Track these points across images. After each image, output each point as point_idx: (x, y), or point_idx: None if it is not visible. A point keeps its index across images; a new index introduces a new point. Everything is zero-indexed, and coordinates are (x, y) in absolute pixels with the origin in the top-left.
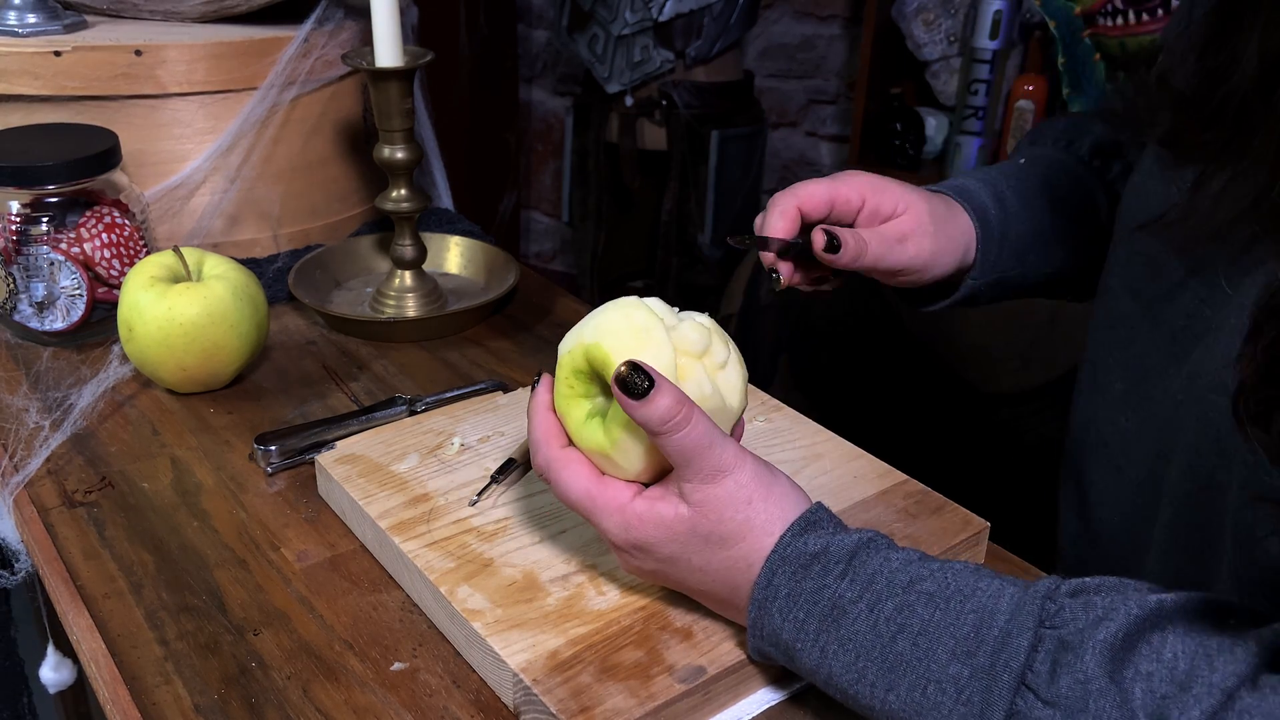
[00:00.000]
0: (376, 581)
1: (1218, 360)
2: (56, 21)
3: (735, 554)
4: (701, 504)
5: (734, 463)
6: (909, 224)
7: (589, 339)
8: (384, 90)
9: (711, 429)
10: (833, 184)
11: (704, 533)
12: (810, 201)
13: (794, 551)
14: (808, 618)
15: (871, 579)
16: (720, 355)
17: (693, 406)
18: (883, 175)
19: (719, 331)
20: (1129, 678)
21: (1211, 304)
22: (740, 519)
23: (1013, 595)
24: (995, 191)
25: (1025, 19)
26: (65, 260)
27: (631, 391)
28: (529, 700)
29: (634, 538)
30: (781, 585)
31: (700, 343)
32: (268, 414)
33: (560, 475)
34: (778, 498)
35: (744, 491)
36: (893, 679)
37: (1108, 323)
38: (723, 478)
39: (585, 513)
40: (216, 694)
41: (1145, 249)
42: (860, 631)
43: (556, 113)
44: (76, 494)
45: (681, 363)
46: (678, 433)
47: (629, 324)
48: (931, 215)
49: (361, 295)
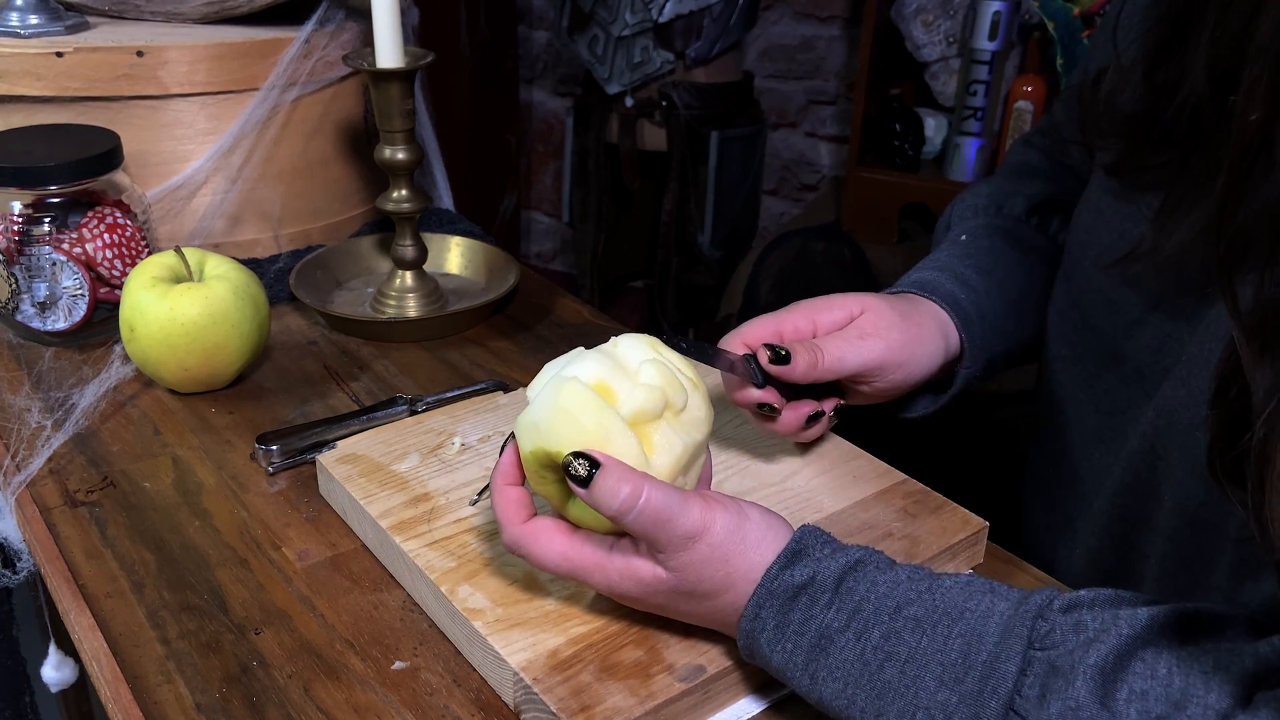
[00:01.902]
0: (377, 581)
1: (1195, 395)
2: (58, 23)
3: (721, 603)
4: (679, 569)
5: (703, 526)
6: (869, 322)
7: (546, 444)
8: (385, 91)
9: (670, 497)
10: (777, 317)
11: (686, 591)
12: (754, 338)
13: (780, 585)
14: (795, 649)
15: (858, 607)
16: (679, 400)
17: (643, 480)
18: (828, 296)
19: (668, 368)
20: (1122, 699)
21: (1176, 337)
22: (720, 576)
23: (1003, 614)
24: (956, 275)
25: (1024, 20)
26: (67, 260)
27: (576, 481)
28: (529, 699)
29: (619, 591)
30: (769, 618)
31: (656, 406)
32: (269, 414)
33: (532, 550)
34: (754, 545)
35: (719, 552)
36: (881, 706)
37: (1070, 357)
38: (694, 544)
39: (569, 575)
40: (218, 693)
41: (1099, 284)
42: (848, 660)
43: (557, 113)
44: (78, 493)
45: (646, 430)
46: (632, 512)
47: (582, 431)
48: (894, 309)
49: (362, 295)
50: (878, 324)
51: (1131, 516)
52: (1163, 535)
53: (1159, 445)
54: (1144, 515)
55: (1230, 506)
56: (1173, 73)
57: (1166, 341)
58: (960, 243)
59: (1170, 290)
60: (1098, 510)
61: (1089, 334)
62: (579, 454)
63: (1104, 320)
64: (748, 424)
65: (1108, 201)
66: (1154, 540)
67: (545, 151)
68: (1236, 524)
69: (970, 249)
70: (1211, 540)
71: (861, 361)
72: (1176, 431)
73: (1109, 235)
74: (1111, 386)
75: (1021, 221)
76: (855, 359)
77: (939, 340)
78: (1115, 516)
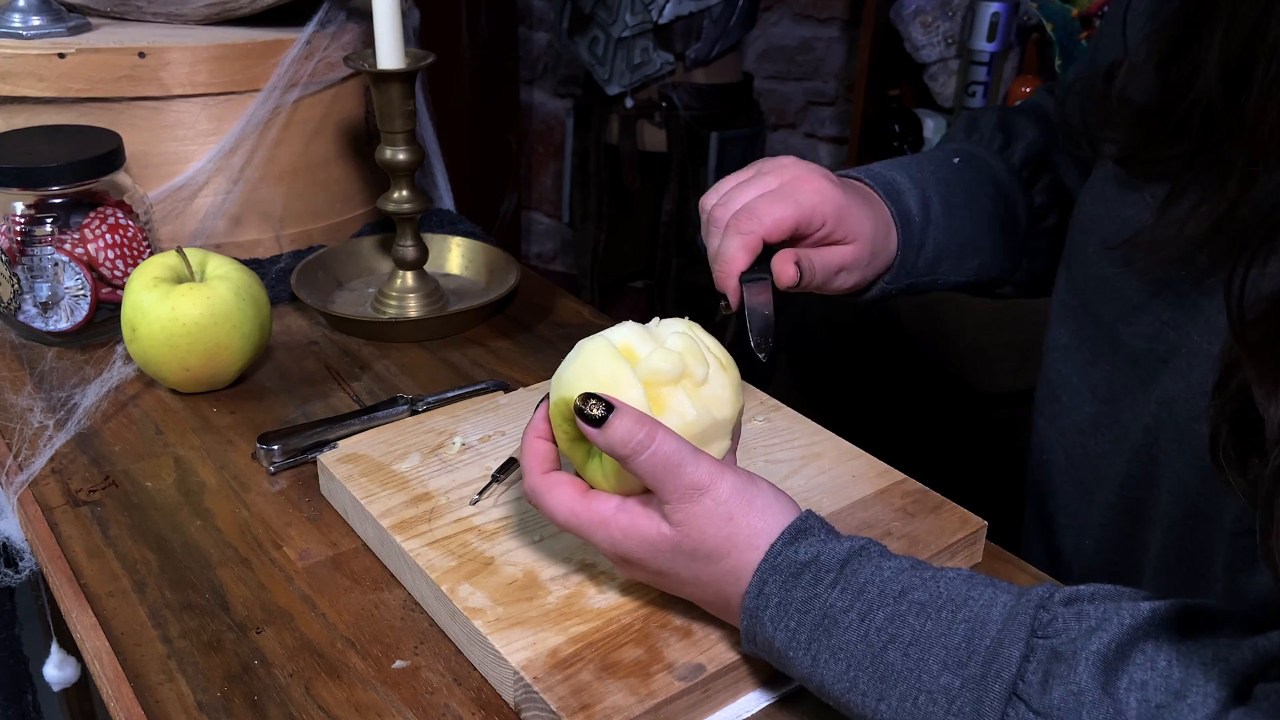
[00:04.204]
0: (378, 580)
1: (1194, 387)
2: (60, 24)
3: (722, 569)
4: (682, 523)
5: (710, 480)
6: (851, 256)
7: (565, 393)
8: (386, 92)
9: (682, 447)
10: (798, 208)
11: (688, 550)
12: (777, 230)
13: (784, 560)
14: (799, 627)
15: (863, 588)
16: (699, 372)
17: (656, 426)
18: (826, 177)
19: (696, 343)
20: (1123, 688)
21: (1175, 326)
22: (723, 535)
23: (1005, 604)
24: (922, 196)
25: (1023, 21)
26: (69, 261)
27: (590, 421)
28: (529, 698)
29: (622, 551)
30: (772, 594)
31: (673, 369)
32: (270, 414)
33: (545, 500)
34: (760, 510)
35: (723, 508)
36: (884, 689)
37: (1069, 345)
38: (700, 496)
39: (574, 530)
40: (219, 691)
41: (1101, 271)
42: (851, 641)
43: (557, 114)
44: (80, 493)
45: (661, 393)
46: (644, 453)
47: (595, 380)
48: (873, 246)
49: (363, 295)
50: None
51: (1133, 509)
52: (1161, 527)
53: (1160, 437)
54: (1144, 507)
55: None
56: (1185, 70)
57: (1164, 329)
58: (952, 165)
59: (1172, 279)
60: (1100, 502)
61: (1088, 321)
62: (594, 395)
63: (1104, 306)
64: (748, 423)
65: (1112, 188)
66: (1153, 532)
67: (545, 152)
68: (1232, 517)
69: (953, 177)
70: (1208, 532)
71: (830, 291)
72: (1176, 423)
73: (1112, 222)
74: (1108, 374)
75: (1014, 171)
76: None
77: (884, 269)
78: (1118, 509)
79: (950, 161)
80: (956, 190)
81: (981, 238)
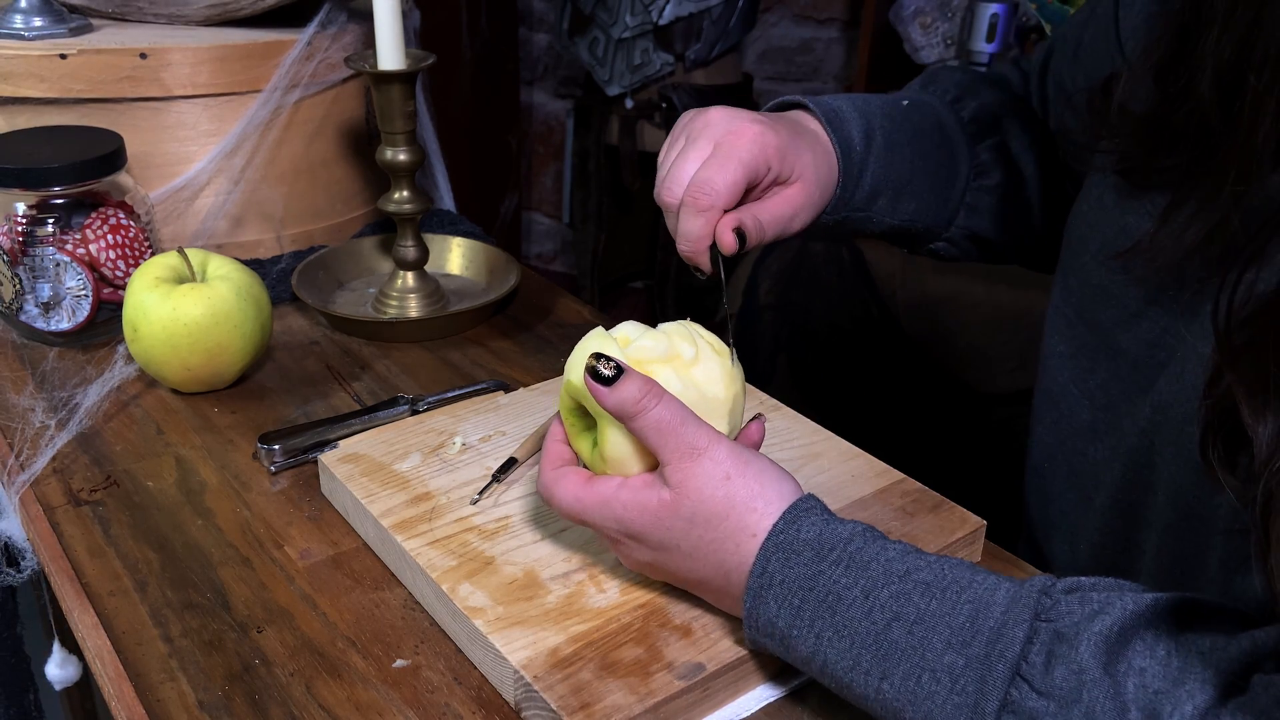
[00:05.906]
0: (379, 579)
1: (1188, 390)
2: (62, 25)
3: (721, 533)
4: (681, 484)
5: (708, 442)
6: (800, 197)
7: (570, 378)
8: (386, 93)
9: (683, 411)
10: (743, 164)
11: (687, 514)
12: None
13: (788, 538)
14: (803, 604)
15: (867, 566)
16: (687, 352)
17: (662, 391)
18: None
19: (689, 331)
20: (1122, 671)
21: (1173, 333)
22: (721, 495)
23: (1009, 589)
24: (866, 126)
25: (1022, 23)
26: (71, 261)
27: (600, 379)
28: (530, 697)
29: (623, 527)
30: (776, 572)
31: (658, 349)
32: (271, 413)
33: (554, 492)
34: (756, 473)
35: (720, 468)
36: (887, 667)
37: (1066, 352)
38: (699, 455)
39: (579, 516)
40: (220, 691)
41: (1099, 278)
42: (855, 619)
43: (557, 115)
44: (82, 492)
45: (648, 370)
46: (649, 412)
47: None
48: (817, 180)
49: (364, 296)
50: (804, 203)
51: (1129, 512)
52: (1156, 530)
53: (1155, 441)
54: (1140, 511)
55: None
56: (1182, 79)
57: (1162, 336)
58: (900, 105)
59: (1169, 286)
60: (1098, 507)
61: (1085, 328)
62: (607, 356)
63: (1101, 313)
64: None
65: (1111, 196)
66: (1149, 535)
67: (546, 153)
68: (1225, 517)
69: (900, 116)
70: (1202, 533)
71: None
72: (1170, 426)
73: (1111, 229)
74: (1106, 380)
75: (961, 125)
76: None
77: (826, 201)
78: (1114, 512)
79: (899, 103)
80: (902, 128)
81: (920, 180)
